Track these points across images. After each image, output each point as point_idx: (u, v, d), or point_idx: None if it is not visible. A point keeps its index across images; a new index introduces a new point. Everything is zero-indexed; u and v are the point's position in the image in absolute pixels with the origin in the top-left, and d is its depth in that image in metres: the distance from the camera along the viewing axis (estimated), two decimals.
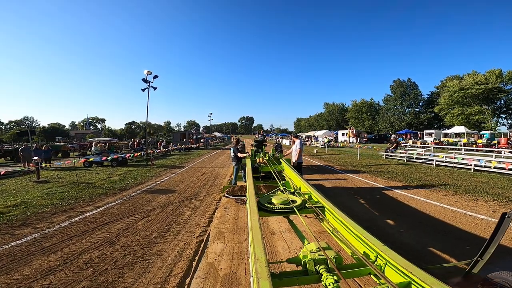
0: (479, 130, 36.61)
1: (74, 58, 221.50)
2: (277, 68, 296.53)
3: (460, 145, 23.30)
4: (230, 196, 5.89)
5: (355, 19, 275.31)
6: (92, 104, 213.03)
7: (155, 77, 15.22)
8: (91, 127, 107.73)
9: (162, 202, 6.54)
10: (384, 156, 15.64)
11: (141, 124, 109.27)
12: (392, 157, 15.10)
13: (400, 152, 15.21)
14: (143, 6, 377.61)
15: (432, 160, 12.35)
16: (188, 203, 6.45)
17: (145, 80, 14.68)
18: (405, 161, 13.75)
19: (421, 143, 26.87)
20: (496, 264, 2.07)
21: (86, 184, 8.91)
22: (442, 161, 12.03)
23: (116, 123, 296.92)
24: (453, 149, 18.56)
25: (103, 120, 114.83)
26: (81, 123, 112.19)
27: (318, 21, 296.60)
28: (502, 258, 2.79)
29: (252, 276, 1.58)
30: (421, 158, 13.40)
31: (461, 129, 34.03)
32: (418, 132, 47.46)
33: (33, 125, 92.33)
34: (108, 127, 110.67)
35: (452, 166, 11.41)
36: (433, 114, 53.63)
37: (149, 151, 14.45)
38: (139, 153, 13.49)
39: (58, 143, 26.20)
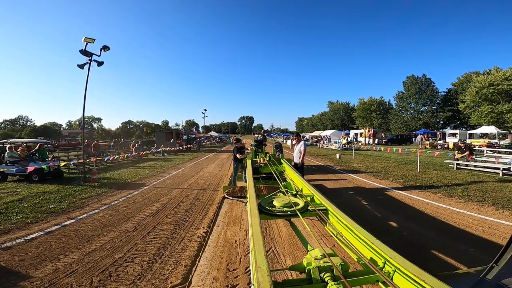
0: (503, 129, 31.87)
1: (73, 58, 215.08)
2: (277, 67, 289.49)
3: None
4: (230, 197, 5.50)
5: (355, 19, 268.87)
6: (91, 103, 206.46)
7: (105, 48, 9.64)
8: (86, 126, 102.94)
9: None
10: (454, 166, 10.41)
11: (138, 124, 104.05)
12: (469, 168, 9.91)
13: (480, 161, 10.00)
14: (142, 6, 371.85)
15: None
16: None
17: (84, 53, 9.17)
18: (501, 175, 8.57)
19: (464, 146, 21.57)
20: None
21: None
22: None
23: (114, 122, 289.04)
24: None
25: (99, 119, 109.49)
26: (76, 122, 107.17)
27: (319, 21, 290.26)
28: None
29: (253, 285, 1.44)
30: None
31: (491, 129, 29.28)
32: (438, 132, 42.53)
33: (27, 124, 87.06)
34: (102, 126, 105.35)
35: None
36: (451, 113, 48.64)
37: (87, 160, 9.02)
38: (64, 163, 8.24)
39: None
